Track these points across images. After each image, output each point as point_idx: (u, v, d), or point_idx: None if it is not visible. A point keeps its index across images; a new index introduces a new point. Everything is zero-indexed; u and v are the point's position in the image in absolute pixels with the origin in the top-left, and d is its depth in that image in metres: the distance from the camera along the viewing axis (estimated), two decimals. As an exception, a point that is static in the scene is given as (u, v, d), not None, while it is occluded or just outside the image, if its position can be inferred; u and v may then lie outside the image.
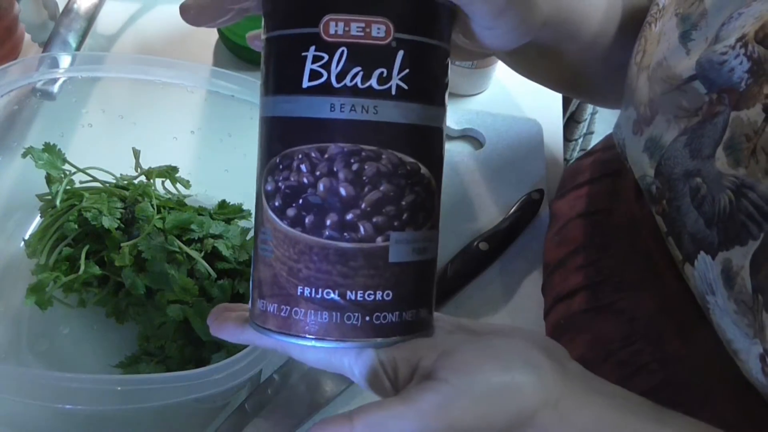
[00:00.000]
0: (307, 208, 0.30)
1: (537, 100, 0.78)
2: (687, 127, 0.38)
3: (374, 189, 0.29)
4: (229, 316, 0.35)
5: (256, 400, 0.51)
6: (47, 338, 0.53)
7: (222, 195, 0.58)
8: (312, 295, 0.30)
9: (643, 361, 0.45)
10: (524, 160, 0.71)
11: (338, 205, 0.29)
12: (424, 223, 0.31)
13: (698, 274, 0.37)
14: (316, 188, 0.29)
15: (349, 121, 0.29)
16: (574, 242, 0.56)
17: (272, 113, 0.31)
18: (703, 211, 0.37)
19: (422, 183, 0.31)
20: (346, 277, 0.30)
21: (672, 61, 0.40)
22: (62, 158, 0.54)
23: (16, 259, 0.55)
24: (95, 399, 0.41)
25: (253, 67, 0.75)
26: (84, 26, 0.66)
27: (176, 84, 0.54)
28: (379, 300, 0.30)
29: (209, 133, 0.60)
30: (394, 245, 0.30)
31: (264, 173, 0.31)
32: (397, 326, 0.31)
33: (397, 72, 0.29)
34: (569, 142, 1.10)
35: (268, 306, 0.31)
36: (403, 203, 0.30)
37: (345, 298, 0.30)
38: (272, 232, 0.31)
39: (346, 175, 0.29)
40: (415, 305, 0.32)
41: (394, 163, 0.30)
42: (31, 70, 0.52)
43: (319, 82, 0.29)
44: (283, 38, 0.30)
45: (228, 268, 0.52)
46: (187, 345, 0.50)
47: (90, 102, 0.58)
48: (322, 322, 0.30)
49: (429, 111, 0.31)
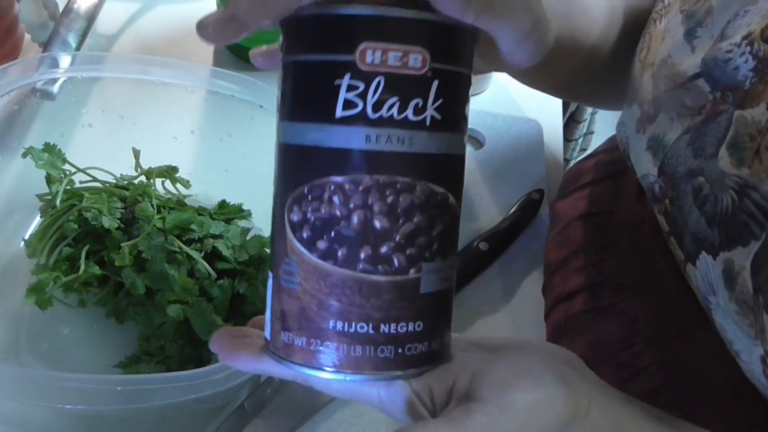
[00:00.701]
0: (340, 241, 0.29)
1: (537, 100, 0.78)
2: (690, 125, 0.38)
3: (408, 221, 0.29)
4: (241, 345, 0.34)
5: (256, 400, 0.51)
6: (47, 338, 0.53)
7: (222, 195, 0.58)
8: (344, 329, 0.30)
9: (643, 362, 0.45)
10: (524, 160, 0.71)
11: (372, 238, 0.29)
12: (450, 251, 0.31)
13: (700, 275, 0.37)
14: (350, 221, 0.29)
15: (384, 152, 0.28)
16: (576, 243, 0.56)
17: (298, 141, 0.30)
18: (705, 210, 0.36)
19: (450, 212, 0.31)
20: (380, 310, 0.29)
21: (676, 59, 0.40)
22: (62, 158, 0.54)
23: (16, 259, 0.55)
24: (95, 399, 0.41)
25: (253, 67, 0.75)
26: (84, 26, 0.66)
27: (176, 84, 0.54)
28: (410, 331, 0.30)
29: (209, 133, 0.60)
30: (425, 276, 0.30)
31: (288, 203, 0.30)
32: (427, 356, 0.31)
33: (431, 102, 0.29)
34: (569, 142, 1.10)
35: (295, 339, 0.31)
36: (434, 233, 0.30)
37: (378, 331, 0.30)
38: (299, 264, 0.30)
39: (381, 208, 0.29)
40: (441, 333, 0.32)
41: (427, 194, 0.29)
42: (31, 70, 0.52)
43: (354, 112, 0.28)
44: (313, 64, 0.29)
45: (228, 268, 0.52)
46: (187, 345, 0.50)
47: (90, 102, 0.58)
48: (355, 355, 0.30)
49: (457, 139, 0.31)
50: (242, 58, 0.75)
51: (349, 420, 0.52)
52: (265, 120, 0.54)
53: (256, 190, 0.58)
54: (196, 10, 0.80)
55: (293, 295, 0.30)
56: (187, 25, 0.83)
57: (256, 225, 0.59)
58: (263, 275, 0.53)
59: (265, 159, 0.57)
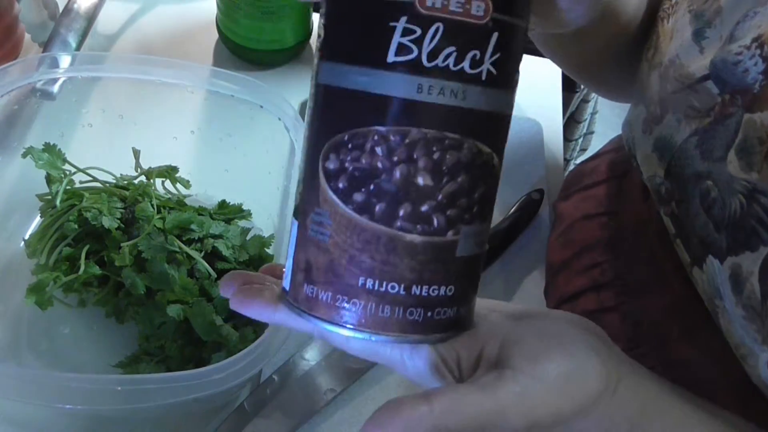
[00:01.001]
0: (379, 195, 0.27)
1: (537, 100, 0.78)
2: (698, 127, 0.38)
3: (452, 180, 0.28)
4: (255, 292, 0.33)
5: (256, 400, 0.51)
6: (47, 338, 0.53)
7: (222, 195, 0.58)
8: (374, 288, 0.28)
9: (647, 364, 0.45)
10: (524, 160, 0.71)
11: (414, 194, 0.27)
12: (488, 215, 0.30)
13: (706, 278, 0.37)
14: (392, 175, 0.27)
15: (436, 105, 0.27)
16: (580, 244, 0.56)
17: (342, 84, 0.28)
18: (712, 214, 0.36)
19: (493, 174, 0.29)
20: (413, 271, 0.28)
21: (685, 60, 0.39)
22: (62, 158, 0.54)
23: (16, 259, 0.55)
24: (95, 399, 0.41)
25: (253, 67, 0.75)
26: (84, 26, 0.66)
27: (176, 84, 0.54)
28: (441, 295, 0.29)
29: (209, 133, 0.60)
30: (463, 239, 0.29)
31: (325, 149, 0.28)
32: (454, 321, 0.30)
33: (489, 55, 0.27)
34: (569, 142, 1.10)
35: (320, 293, 0.29)
36: (476, 196, 0.29)
37: (409, 292, 0.28)
38: (331, 215, 0.28)
39: (426, 164, 0.27)
40: (469, 299, 0.31)
41: (474, 153, 0.28)
42: (31, 70, 0.52)
43: (407, 58, 0.26)
44: (367, 0, 0.27)
45: (228, 268, 0.52)
46: (187, 345, 0.50)
47: (90, 102, 0.58)
48: (382, 316, 0.29)
49: (508, 97, 0.29)
50: (242, 58, 0.75)
51: (349, 420, 0.52)
52: (265, 120, 0.54)
53: (256, 190, 0.59)
54: (196, 10, 0.80)
55: (321, 248, 0.29)
56: (187, 25, 0.83)
57: (256, 225, 0.59)
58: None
59: (265, 159, 0.57)
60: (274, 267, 0.35)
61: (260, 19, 0.69)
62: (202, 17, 0.79)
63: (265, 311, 0.32)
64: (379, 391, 0.54)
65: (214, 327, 0.48)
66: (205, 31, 0.77)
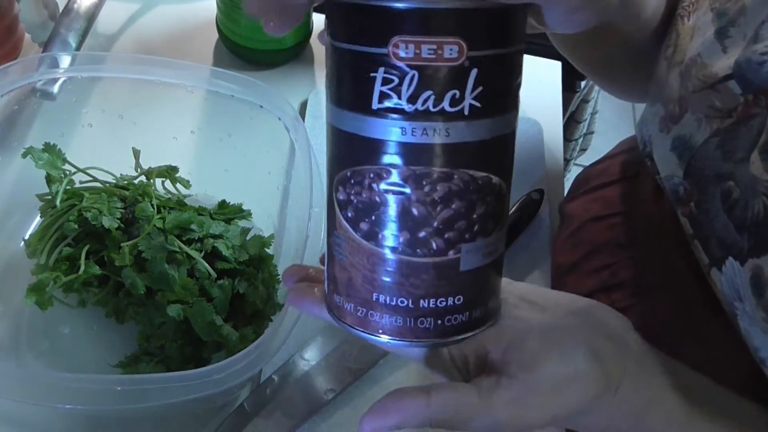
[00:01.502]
0: (380, 224, 0.30)
1: (537, 100, 0.78)
2: (720, 128, 0.37)
3: (446, 208, 0.29)
4: (310, 292, 0.36)
5: (256, 400, 0.51)
6: (47, 338, 0.53)
7: (222, 195, 0.58)
8: (386, 302, 0.31)
9: None
10: (524, 160, 0.71)
11: (410, 223, 0.30)
12: (494, 228, 0.31)
13: (725, 280, 0.37)
14: (387, 207, 0.30)
15: (420, 144, 0.28)
16: (590, 245, 0.56)
17: (342, 126, 0.30)
18: (734, 215, 0.36)
19: (493, 192, 0.30)
20: (419, 288, 0.31)
21: (707, 59, 0.39)
22: (62, 158, 0.54)
23: (16, 259, 0.55)
24: (95, 399, 0.41)
25: (253, 67, 0.75)
26: (84, 26, 0.66)
27: (176, 84, 0.54)
28: (450, 305, 0.31)
29: (209, 133, 0.60)
30: (465, 255, 0.30)
31: (335, 182, 0.31)
32: (467, 324, 0.32)
33: (470, 92, 0.28)
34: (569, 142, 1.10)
35: (345, 304, 0.33)
36: (475, 216, 0.30)
37: (418, 305, 0.31)
38: (346, 239, 0.31)
39: (418, 197, 0.29)
40: (484, 302, 0.33)
41: (465, 180, 0.29)
42: (31, 70, 0.52)
43: (389, 104, 0.28)
44: (351, 53, 0.29)
45: (228, 268, 0.52)
46: (187, 345, 0.50)
47: (90, 102, 0.58)
48: (397, 325, 0.31)
49: (501, 121, 0.30)
50: (242, 58, 0.75)
51: (349, 420, 0.52)
52: (265, 120, 0.54)
53: (256, 190, 0.59)
54: (196, 10, 0.80)
55: (342, 266, 0.32)
56: (187, 25, 0.83)
57: (256, 225, 0.59)
58: (263, 275, 0.53)
59: (265, 159, 0.57)
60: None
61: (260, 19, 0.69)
62: (202, 17, 0.79)
63: (314, 309, 0.36)
64: (379, 391, 0.54)
65: (214, 327, 0.48)
66: (205, 31, 0.77)
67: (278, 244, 0.56)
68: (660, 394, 0.34)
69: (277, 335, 0.42)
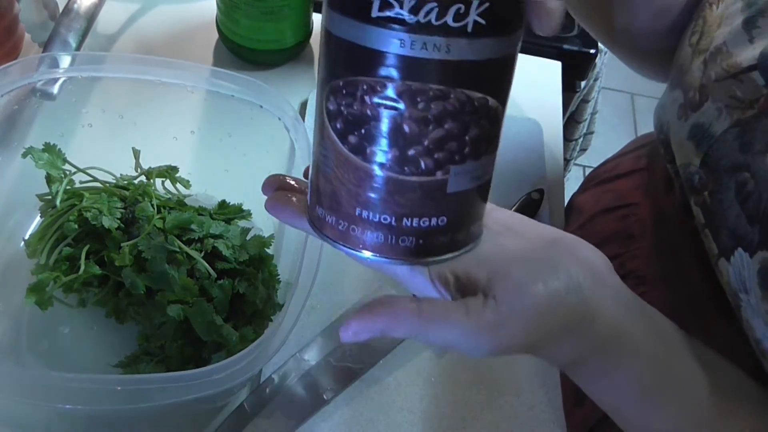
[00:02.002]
0: (369, 139, 0.29)
1: (537, 100, 0.78)
2: (740, 118, 0.37)
3: (439, 127, 0.29)
4: (289, 201, 0.36)
5: (256, 400, 0.51)
6: (47, 338, 0.53)
7: (222, 195, 0.58)
8: (368, 218, 0.31)
9: None
10: (524, 160, 0.71)
11: (401, 141, 0.29)
12: (485, 151, 0.31)
13: (733, 271, 0.37)
14: (379, 122, 0.29)
15: (418, 59, 0.27)
16: (599, 236, 0.56)
17: (338, 33, 0.29)
18: (747, 207, 0.36)
19: (488, 115, 0.30)
20: (403, 206, 0.30)
21: (732, 48, 0.38)
22: (62, 158, 0.54)
23: (16, 259, 0.55)
24: (95, 399, 0.41)
25: (253, 67, 0.75)
26: (84, 26, 0.66)
27: (176, 84, 0.54)
28: (433, 225, 0.31)
29: (209, 133, 0.60)
30: (453, 177, 0.30)
31: (327, 91, 0.30)
32: (449, 245, 0.32)
33: (475, 7, 0.26)
34: (569, 142, 1.10)
35: (327, 216, 0.32)
36: (467, 138, 0.29)
37: (401, 223, 0.31)
38: (332, 151, 0.31)
39: (411, 113, 0.28)
40: (467, 225, 0.33)
41: (462, 101, 0.28)
42: (31, 70, 0.52)
43: (390, 13, 0.27)
44: None
45: (228, 268, 0.52)
46: (187, 345, 0.50)
47: (90, 102, 0.58)
48: (378, 241, 0.31)
49: (504, 42, 0.28)
50: (242, 58, 0.75)
51: (349, 420, 0.52)
52: (265, 120, 0.54)
53: (256, 190, 0.58)
54: (196, 10, 0.80)
55: (327, 178, 0.32)
56: (187, 25, 0.83)
57: (256, 225, 0.59)
58: (263, 275, 0.53)
59: (265, 159, 0.57)
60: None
61: (260, 19, 0.69)
62: (202, 17, 0.79)
63: (293, 219, 0.35)
64: (379, 391, 0.54)
65: (214, 327, 0.48)
66: (205, 31, 0.77)
67: (278, 244, 0.56)
68: (632, 332, 0.34)
69: (277, 335, 0.42)
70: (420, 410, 0.53)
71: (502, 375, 0.56)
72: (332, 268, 0.60)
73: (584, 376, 0.36)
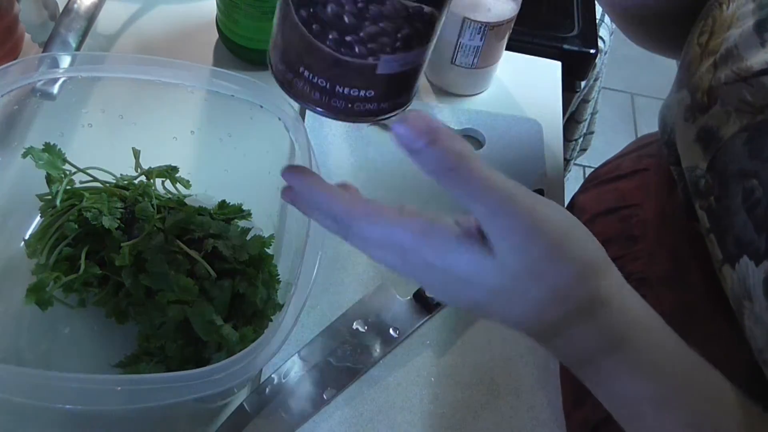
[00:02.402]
0: (316, 18, 0.33)
1: (537, 100, 0.78)
2: (750, 123, 0.36)
3: (373, 24, 0.32)
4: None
5: (256, 400, 0.51)
6: (47, 338, 0.53)
7: (222, 195, 0.58)
8: (309, 77, 0.35)
9: None
10: (524, 160, 0.71)
11: (341, 27, 0.33)
12: (418, 45, 0.34)
13: (737, 278, 0.36)
14: (326, 8, 0.32)
15: None
16: (600, 237, 0.55)
17: None
18: (754, 214, 0.35)
19: (422, 20, 0.33)
20: (337, 76, 0.35)
21: (744, 51, 0.38)
22: (62, 158, 0.54)
23: (16, 259, 0.55)
24: (95, 399, 0.41)
25: (253, 67, 0.75)
26: (84, 26, 0.66)
27: (176, 84, 0.54)
28: (361, 95, 0.35)
29: (209, 133, 0.60)
30: (383, 63, 0.34)
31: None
32: (374, 112, 0.37)
33: None
34: (569, 142, 1.10)
35: (280, 65, 0.37)
36: (399, 35, 0.33)
37: (334, 88, 0.35)
38: (291, 15, 0.34)
39: (351, 9, 0.32)
40: (393, 97, 0.36)
41: (396, 8, 0.32)
42: (31, 70, 0.52)
43: None
44: None
45: (228, 268, 0.52)
46: (187, 345, 0.50)
47: (90, 102, 0.58)
48: (315, 98, 0.36)
49: None
50: (242, 58, 0.75)
51: (349, 420, 0.52)
52: (265, 120, 0.54)
53: (256, 190, 0.59)
54: (196, 10, 0.80)
55: (284, 36, 0.36)
56: (187, 25, 0.83)
57: (256, 225, 0.59)
58: (263, 275, 0.53)
59: (265, 159, 0.57)
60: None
61: (260, 19, 0.69)
62: (202, 17, 0.79)
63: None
64: (379, 391, 0.54)
65: (214, 327, 0.48)
66: (205, 31, 0.77)
67: (278, 244, 0.56)
68: (634, 329, 0.34)
69: (277, 335, 0.42)
70: (420, 410, 0.53)
71: (502, 375, 0.56)
72: (332, 268, 0.60)
73: (597, 374, 0.34)
